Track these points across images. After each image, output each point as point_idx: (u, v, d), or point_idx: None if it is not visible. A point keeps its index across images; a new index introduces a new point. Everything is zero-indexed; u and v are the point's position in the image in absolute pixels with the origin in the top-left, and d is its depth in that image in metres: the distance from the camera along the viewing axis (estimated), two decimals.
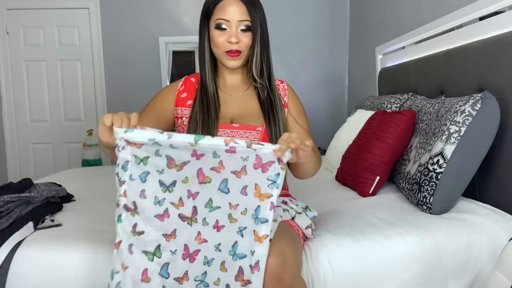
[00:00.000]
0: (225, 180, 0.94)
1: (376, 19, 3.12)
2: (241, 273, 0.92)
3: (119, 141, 0.93)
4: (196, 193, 0.95)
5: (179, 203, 0.96)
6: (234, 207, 0.94)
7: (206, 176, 0.95)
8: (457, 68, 1.70)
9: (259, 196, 0.93)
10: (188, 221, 0.96)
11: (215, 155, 0.93)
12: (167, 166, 0.95)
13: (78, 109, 3.95)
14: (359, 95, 3.52)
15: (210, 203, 0.95)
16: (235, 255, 0.94)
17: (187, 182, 0.95)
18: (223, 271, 0.94)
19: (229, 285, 0.93)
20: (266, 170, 0.92)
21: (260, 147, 0.91)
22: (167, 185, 0.96)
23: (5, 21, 3.78)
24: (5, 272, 1.15)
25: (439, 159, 1.38)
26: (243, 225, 0.94)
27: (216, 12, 1.17)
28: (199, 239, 0.95)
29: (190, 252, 0.95)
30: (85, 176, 2.33)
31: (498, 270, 0.91)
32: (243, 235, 0.93)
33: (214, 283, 0.94)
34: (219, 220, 0.95)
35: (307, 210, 1.25)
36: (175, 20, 3.85)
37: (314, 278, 1.14)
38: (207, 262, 0.95)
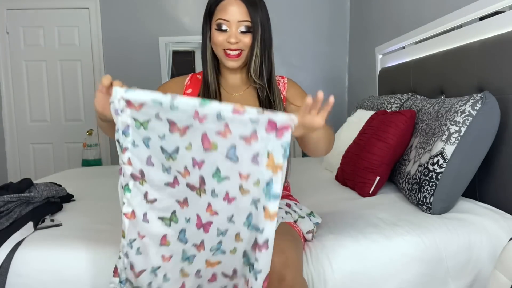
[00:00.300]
0: (233, 147, 0.81)
1: (376, 19, 3.12)
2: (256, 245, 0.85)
3: (117, 103, 0.84)
4: (202, 161, 0.84)
5: (185, 172, 0.86)
6: (245, 178, 0.82)
7: (212, 143, 0.82)
8: (457, 68, 1.70)
9: (273, 167, 0.80)
10: (196, 191, 0.87)
11: (219, 117, 0.79)
12: (169, 130, 0.84)
13: (78, 109, 3.95)
14: (359, 95, 3.52)
15: (217, 173, 0.84)
16: (250, 225, 0.86)
17: (191, 149, 0.84)
18: (239, 241, 0.88)
19: (246, 251, 0.89)
20: (281, 135, 0.78)
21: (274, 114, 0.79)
22: (169, 153, 0.85)
23: (5, 21, 3.78)
24: (5, 272, 1.15)
25: (439, 159, 1.38)
26: (257, 197, 0.83)
27: (217, 12, 1.17)
28: (210, 211, 0.88)
29: (203, 223, 0.89)
30: (85, 176, 2.34)
31: (498, 270, 0.91)
32: (257, 208, 0.84)
33: (230, 252, 0.90)
34: (229, 192, 0.85)
35: (312, 216, 1.24)
36: (175, 20, 3.86)
37: (314, 278, 1.14)
38: (222, 233, 0.89)
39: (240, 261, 0.91)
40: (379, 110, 2.10)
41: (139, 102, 0.83)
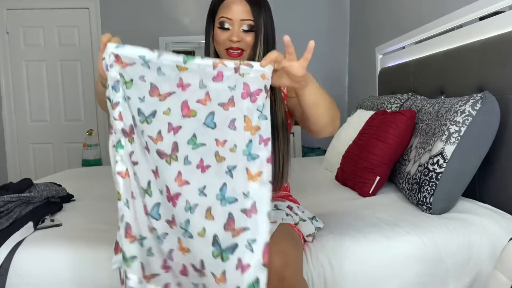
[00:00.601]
0: (211, 114, 0.84)
1: (376, 19, 3.12)
2: (231, 220, 0.81)
3: (108, 58, 0.85)
4: (178, 127, 0.84)
5: (157, 137, 0.84)
6: (221, 144, 0.83)
7: (191, 109, 0.84)
8: (457, 68, 1.70)
9: (250, 129, 0.83)
10: (166, 158, 0.84)
11: (201, 85, 0.84)
12: (149, 93, 0.84)
13: (78, 109, 3.95)
14: (359, 95, 3.52)
15: (193, 139, 0.84)
16: (224, 199, 0.82)
17: (169, 114, 0.84)
18: (210, 219, 0.82)
19: (217, 235, 0.81)
20: (255, 99, 0.84)
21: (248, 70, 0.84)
22: (146, 115, 0.84)
23: (5, 21, 3.79)
24: (5, 272, 1.15)
25: (439, 159, 1.38)
26: (233, 164, 0.83)
27: (220, 10, 1.17)
28: (180, 181, 0.83)
29: (171, 194, 0.83)
30: (85, 176, 2.34)
31: (498, 270, 0.91)
32: (232, 176, 0.83)
33: (198, 234, 0.81)
34: (203, 159, 0.83)
35: (314, 220, 1.24)
36: (175, 20, 3.86)
37: (314, 278, 1.14)
38: (189, 208, 0.82)
39: (208, 250, 0.81)
40: (379, 110, 2.10)
41: (127, 60, 0.84)
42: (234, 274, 0.80)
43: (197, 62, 0.84)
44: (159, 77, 0.84)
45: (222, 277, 0.80)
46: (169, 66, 0.84)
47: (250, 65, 0.85)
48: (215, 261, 0.81)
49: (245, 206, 0.81)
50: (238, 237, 0.81)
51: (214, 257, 0.81)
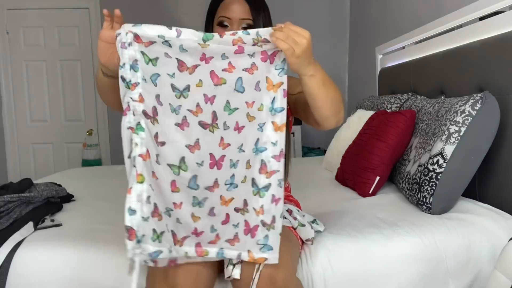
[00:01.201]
0: (239, 79, 0.91)
1: (376, 19, 3.12)
2: (264, 165, 0.93)
3: (125, 35, 0.85)
4: (213, 96, 0.91)
5: (197, 109, 0.91)
6: (250, 105, 0.92)
7: (220, 78, 0.91)
8: (457, 68, 1.70)
9: (273, 88, 0.92)
10: (209, 128, 0.92)
11: (223, 56, 0.90)
12: (178, 69, 0.89)
13: (78, 109, 3.95)
14: (359, 95, 3.52)
15: (228, 105, 0.92)
16: (257, 150, 0.93)
17: (202, 86, 0.90)
18: (248, 168, 0.94)
19: (254, 178, 0.93)
20: (273, 60, 0.91)
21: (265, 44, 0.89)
22: (180, 90, 0.90)
23: (5, 21, 3.79)
24: (5, 272, 1.15)
25: (439, 159, 1.38)
26: (262, 121, 0.93)
27: (219, 10, 1.18)
28: (223, 144, 0.93)
29: (217, 159, 0.93)
30: (85, 176, 2.34)
31: (498, 270, 0.91)
32: (263, 130, 0.93)
33: (241, 182, 0.94)
34: (238, 122, 0.93)
35: (315, 223, 1.23)
36: (175, 20, 3.85)
37: (314, 278, 1.14)
38: (233, 165, 0.94)
39: (250, 191, 0.94)
40: (379, 110, 2.10)
41: (148, 39, 0.85)
42: (270, 206, 0.94)
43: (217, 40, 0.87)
44: (182, 53, 0.88)
45: (261, 210, 0.94)
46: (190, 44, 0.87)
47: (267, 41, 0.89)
48: (255, 198, 0.94)
49: (275, 153, 0.93)
50: (271, 178, 0.93)
51: (254, 195, 0.94)
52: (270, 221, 0.94)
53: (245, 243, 0.96)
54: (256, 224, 0.95)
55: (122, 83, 0.86)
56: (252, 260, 0.95)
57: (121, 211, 1.38)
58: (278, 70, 0.92)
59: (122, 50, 0.85)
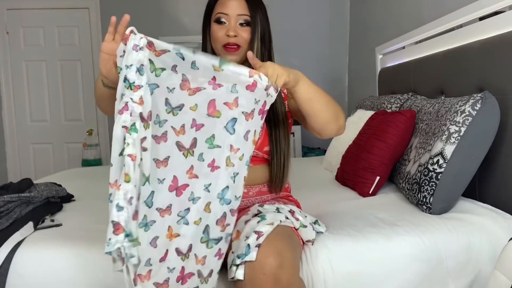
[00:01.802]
0: (234, 120, 0.90)
1: (376, 19, 3.12)
2: (223, 218, 0.92)
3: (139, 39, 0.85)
4: (201, 124, 0.90)
5: (180, 129, 0.89)
6: (235, 151, 0.91)
7: (217, 110, 0.89)
8: (457, 68, 1.70)
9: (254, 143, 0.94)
10: (184, 151, 0.90)
11: (233, 89, 0.88)
12: (180, 86, 0.88)
13: (78, 109, 3.95)
14: (359, 95, 3.52)
15: (211, 139, 0.90)
16: (223, 199, 0.91)
17: (195, 110, 0.89)
18: (207, 211, 0.91)
19: (208, 226, 0.91)
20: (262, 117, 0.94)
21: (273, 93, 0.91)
22: (173, 107, 0.88)
23: (5, 21, 3.79)
24: (5, 272, 1.15)
25: (439, 159, 1.38)
26: (237, 171, 0.92)
27: (217, 6, 1.19)
28: (190, 174, 0.90)
29: (179, 185, 0.89)
30: (85, 176, 2.34)
31: (498, 270, 0.91)
32: (234, 181, 0.92)
33: (194, 222, 0.91)
34: (215, 160, 0.91)
35: (316, 225, 1.23)
36: (175, 20, 3.86)
37: (314, 278, 1.14)
38: (193, 199, 0.91)
39: (198, 236, 0.92)
40: (379, 110, 2.10)
41: (160, 48, 0.85)
42: (212, 260, 0.93)
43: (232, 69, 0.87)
44: (192, 69, 0.86)
45: (202, 260, 0.92)
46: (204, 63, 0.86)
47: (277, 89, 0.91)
48: (202, 245, 0.92)
49: (234, 207, 0.93)
50: (224, 232, 0.93)
51: (202, 242, 0.92)
52: (207, 275, 0.92)
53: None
54: (191, 272, 0.91)
55: (123, 83, 0.86)
56: None
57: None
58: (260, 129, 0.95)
59: (133, 52, 0.85)
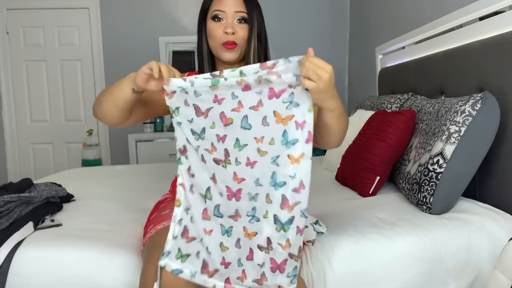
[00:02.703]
0: (245, 117, 0.96)
1: (376, 19, 3.12)
2: (285, 200, 0.93)
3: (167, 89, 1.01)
4: (224, 136, 0.99)
5: (211, 148, 1.00)
6: (260, 140, 0.96)
7: (228, 118, 0.98)
8: (457, 68, 1.70)
9: (282, 121, 0.93)
10: (222, 164, 0.99)
11: (233, 96, 0.97)
12: (196, 114, 1.00)
13: (78, 109, 3.95)
14: (359, 95, 3.52)
15: (238, 142, 0.97)
16: (276, 185, 0.94)
17: (215, 128, 0.99)
18: (269, 203, 0.95)
19: (276, 215, 0.94)
20: (279, 95, 0.93)
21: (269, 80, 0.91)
22: (198, 133, 1.01)
23: (5, 21, 3.79)
24: (5, 272, 1.15)
25: (439, 159, 1.38)
26: (275, 154, 0.94)
27: (213, 5, 1.19)
28: (237, 179, 0.98)
29: (234, 192, 0.98)
30: (85, 176, 2.34)
31: (498, 270, 0.91)
32: (278, 164, 0.94)
33: (264, 217, 0.96)
34: (249, 157, 0.97)
35: (317, 225, 1.24)
36: (175, 20, 3.86)
37: (314, 278, 1.14)
38: (253, 198, 0.97)
39: (272, 227, 0.95)
40: (379, 110, 2.10)
41: (170, 90, 1.00)
42: (295, 238, 0.93)
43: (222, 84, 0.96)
44: (197, 98, 0.99)
45: (287, 244, 0.94)
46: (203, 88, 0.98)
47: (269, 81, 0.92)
48: (280, 233, 0.94)
49: (295, 186, 0.93)
50: (293, 211, 0.93)
51: (278, 231, 0.94)
52: (297, 252, 0.94)
53: (274, 279, 0.96)
54: (284, 259, 0.95)
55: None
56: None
57: (121, 212, 1.40)
58: (286, 103, 0.93)
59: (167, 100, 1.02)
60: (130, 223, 1.41)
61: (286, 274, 0.95)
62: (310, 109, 0.91)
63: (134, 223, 1.41)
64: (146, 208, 1.52)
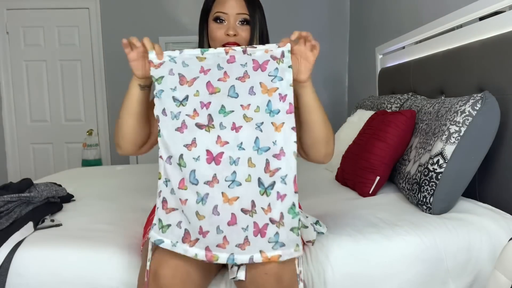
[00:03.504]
0: (232, 87, 1.03)
1: (376, 19, 3.12)
2: (268, 164, 0.98)
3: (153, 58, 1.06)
4: (208, 103, 1.03)
5: (194, 113, 1.03)
6: (246, 107, 1.02)
7: (215, 87, 1.04)
8: (457, 68, 1.70)
9: (267, 92, 1.02)
10: (205, 128, 1.02)
11: (219, 67, 1.04)
12: (179, 83, 1.04)
13: (78, 109, 3.95)
14: (359, 95, 3.52)
15: (223, 109, 1.02)
16: (259, 149, 1.00)
17: (199, 95, 1.04)
18: (252, 166, 0.99)
19: (260, 178, 0.98)
20: (264, 68, 1.03)
21: (254, 50, 1.04)
22: (180, 100, 1.04)
23: (5, 21, 3.79)
24: (5, 272, 1.15)
25: (439, 159, 1.38)
26: (260, 121, 1.01)
27: (215, 6, 1.18)
28: (220, 142, 1.01)
29: (214, 155, 1.00)
30: (85, 176, 2.34)
31: (498, 270, 0.91)
32: (262, 130, 1.00)
33: (246, 180, 0.99)
34: (235, 122, 1.01)
35: (317, 225, 1.23)
36: (175, 20, 3.86)
37: (314, 278, 1.14)
38: (234, 162, 1.00)
39: (256, 190, 0.98)
40: (379, 110, 2.10)
41: (158, 62, 1.05)
42: (277, 203, 0.97)
43: (211, 52, 1.05)
44: (184, 68, 1.05)
45: (269, 208, 0.98)
46: (191, 59, 1.05)
47: (254, 47, 1.04)
48: (262, 197, 0.98)
49: (275, 152, 0.99)
50: (274, 176, 0.98)
51: (261, 195, 0.98)
52: (279, 218, 0.97)
53: (256, 244, 0.97)
54: (265, 223, 0.97)
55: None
56: (266, 259, 0.96)
57: (121, 211, 1.41)
58: (271, 76, 1.03)
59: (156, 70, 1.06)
60: (130, 223, 1.41)
61: (267, 239, 0.96)
62: (291, 84, 1.02)
63: (134, 223, 1.41)
64: (146, 208, 1.52)
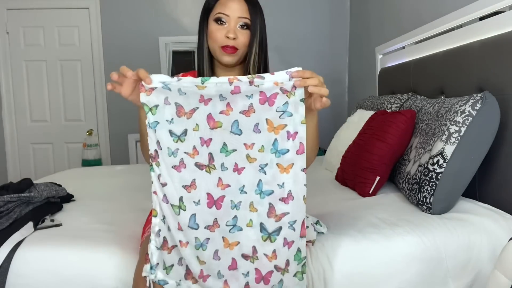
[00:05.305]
0: (235, 122, 0.93)
1: (376, 19, 3.12)
2: (272, 208, 0.93)
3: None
4: (209, 139, 0.94)
5: (193, 152, 0.95)
6: (250, 147, 0.93)
7: (217, 121, 0.93)
8: (457, 68, 1.70)
9: (273, 130, 0.92)
10: (206, 169, 0.95)
11: (221, 98, 0.92)
12: (177, 114, 0.94)
13: (78, 109, 3.95)
14: (359, 95, 3.52)
15: (225, 147, 0.94)
16: (262, 193, 0.93)
17: (198, 130, 0.94)
18: (254, 211, 0.94)
19: (262, 223, 0.93)
20: (272, 103, 0.91)
21: (261, 81, 0.89)
22: (178, 135, 0.95)
23: (5, 21, 3.79)
24: (5, 272, 1.15)
25: (439, 159, 1.38)
26: (264, 162, 0.93)
27: (217, 7, 1.18)
28: (222, 185, 0.95)
29: (215, 199, 0.95)
30: (85, 176, 2.34)
31: (498, 270, 0.91)
32: (265, 172, 0.93)
33: (247, 225, 0.94)
34: (237, 163, 0.94)
35: (317, 225, 1.24)
36: (175, 20, 3.86)
37: (314, 278, 1.14)
38: (235, 206, 0.94)
39: (258, 236, 0.93)
40: (379, 110, 2.10)
41: (150, 87, 0.92)
42: (283, 250, 0.93)
43: (213, 81, 0.91)
44: (181, 96, 0.93)
45: (273, 255, 0.93)
46: (189, 86, 0.92)
47: (262, 77, 0.90)
48: (265, 243, 0.93)
49: (283, 195, 0.92)
50: (280, 221, 0.93)
51: (264, 241, 0.94)
52: (284, 265, 0.93)
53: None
54: (269, 270, 0.94)
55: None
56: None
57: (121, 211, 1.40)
58: (279, 112, 0.91)
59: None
60: (129, 223, 1.41)
61: (270, 286, 0.94)
62: (303, 121, 0.91)
63: (134, 223, 1.41)
64: (146, 208, 1.52)
